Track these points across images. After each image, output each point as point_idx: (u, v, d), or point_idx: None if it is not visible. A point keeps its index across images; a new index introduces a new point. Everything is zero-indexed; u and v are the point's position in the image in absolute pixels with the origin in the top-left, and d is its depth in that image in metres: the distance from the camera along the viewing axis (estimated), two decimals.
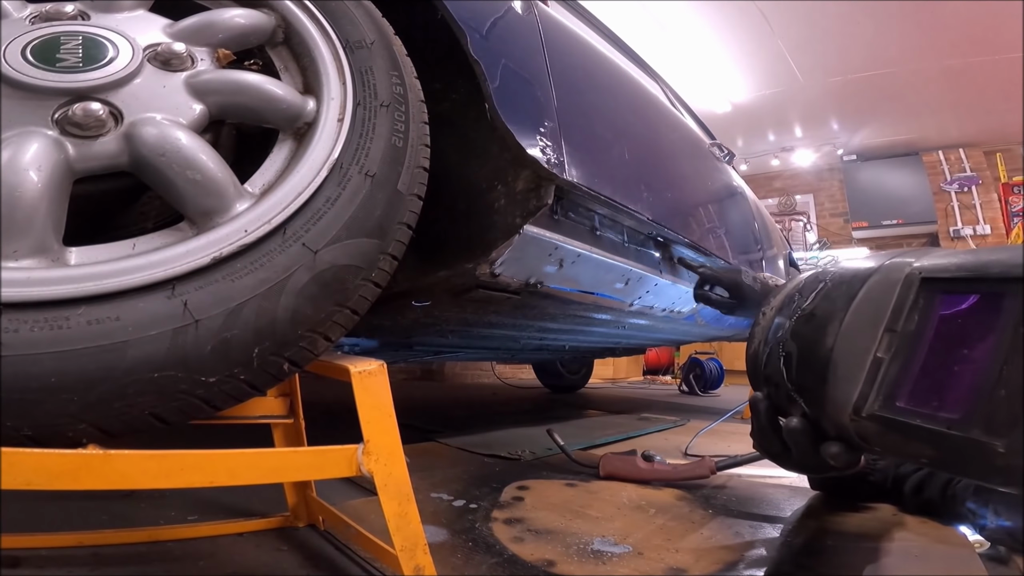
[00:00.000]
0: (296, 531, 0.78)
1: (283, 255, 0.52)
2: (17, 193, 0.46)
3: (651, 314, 1.46)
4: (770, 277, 1.26)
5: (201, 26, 0.64)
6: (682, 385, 4.04)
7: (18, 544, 0.64)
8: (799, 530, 0.88)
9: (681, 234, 1.32)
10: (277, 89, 0.62)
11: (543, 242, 0.90)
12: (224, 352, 0.48)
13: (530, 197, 0.83)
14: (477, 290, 0.95)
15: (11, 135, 0.48)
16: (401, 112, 0.65)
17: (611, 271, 1.12)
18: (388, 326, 1.30)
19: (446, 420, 1.95)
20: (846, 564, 0.75)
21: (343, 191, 0.57)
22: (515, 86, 0.85)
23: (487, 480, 1.13)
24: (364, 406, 0.55)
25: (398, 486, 0.56)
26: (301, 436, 0.73)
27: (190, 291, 0.48)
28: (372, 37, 0.69)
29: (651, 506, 0.98)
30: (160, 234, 0.52)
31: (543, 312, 1.23)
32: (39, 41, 0.53)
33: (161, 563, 0.65)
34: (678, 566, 0.72)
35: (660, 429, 1.94)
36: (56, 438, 0.43)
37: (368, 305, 0.59)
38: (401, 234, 0.61)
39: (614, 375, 5.03)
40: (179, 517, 0.79)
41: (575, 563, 0.72)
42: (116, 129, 0.52)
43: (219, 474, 0.47)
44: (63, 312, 0.44)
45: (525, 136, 0.81)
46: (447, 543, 0.76)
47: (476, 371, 4.03)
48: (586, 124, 1.04)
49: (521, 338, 1.62)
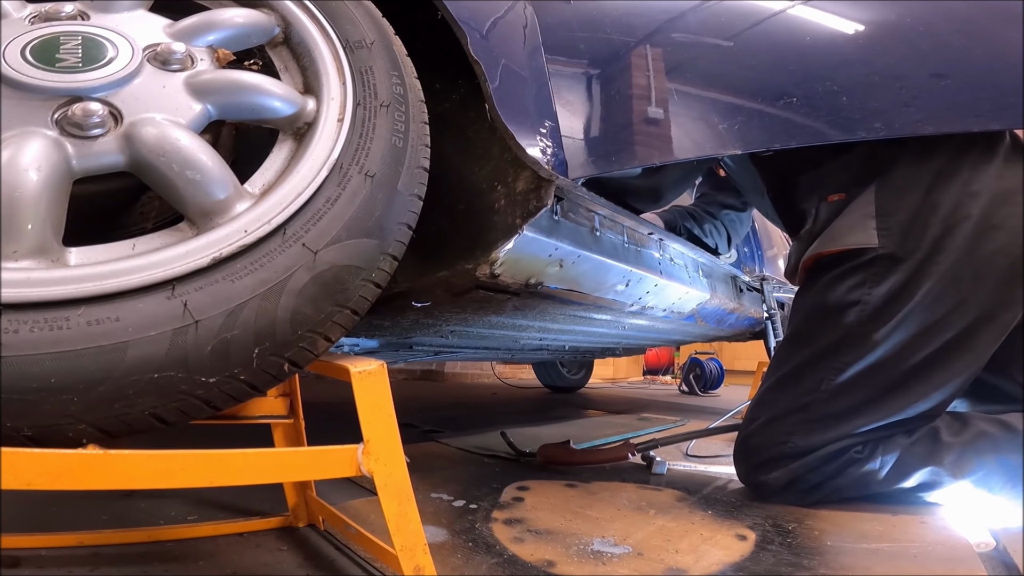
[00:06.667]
0: (296, 531, 0.78)
1: (283, 255, 0.52)
2: (17, 193, 0.45)
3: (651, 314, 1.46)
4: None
5: (201, 26, 0.63)
6: (682, 385, 4.05)
7: (18, 544, 0.64)
8: (799, 531, 0.88)
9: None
10: (277, 89, 0.62)
11: (543, 242, 0.90)
12: (224, 352, 0.48)
13: (530, 198, 0.83)
14: (477, 290, 0.95)
15: (11, 135, 0.48)
16: (401, 112, 0.65)
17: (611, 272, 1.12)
18: (388, 326, 1.30)
19: (446, 420, 1.95)
20: (846, 564, 0.75)
21: (343, 191, 0.57)
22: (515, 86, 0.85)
23: (487, 480, 1.13)
24: (364, 406, 0.55)
25: (398, 486, 0.56)
26: (301, 436, 0.73)
27: (190, 292, 0.48)
28: (372, 37, 0.69)
29: (651, 507, 0.98)
30: (160, 234, 0.52)
31: (543, 312, 1.23)
32: (39, 41, 0.53)
33: (161, 563, 0.65)
34: (678, 566, 0.72)
35: (660, 429, 1.94)
36: (56, 438, 0.43)
37: (368, 305, 0.59)
38: (401, 234, 0.61)
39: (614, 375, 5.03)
40: (179, 517, 0.79)
41: (575, 563, 0.72)
42: (116, 129, 0.52)
43: (219, 474, 0.47)
44: (63, 313, 0.44)
45: (525, 136, 0.81)
46: (447, 543, 0.77)
47: (476, 371, 4.02)
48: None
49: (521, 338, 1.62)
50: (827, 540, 0.84)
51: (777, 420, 1.04)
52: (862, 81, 0.94)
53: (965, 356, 0.97)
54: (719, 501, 1.04)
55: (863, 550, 0.80)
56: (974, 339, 0.97)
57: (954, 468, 0.96)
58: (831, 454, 0.99)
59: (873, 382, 0.99)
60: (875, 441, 1.00)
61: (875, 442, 1.00)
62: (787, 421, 1.03)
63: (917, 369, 0.98)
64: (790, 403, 1.04)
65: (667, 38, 1.00)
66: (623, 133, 0.93)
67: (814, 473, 1.00)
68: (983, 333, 0.97)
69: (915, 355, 0.97)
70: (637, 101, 0.93)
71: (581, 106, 0.94)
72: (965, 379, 0.99)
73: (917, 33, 0.98)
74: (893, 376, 0.98)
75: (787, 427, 1.03)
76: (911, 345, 0.98)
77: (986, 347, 0.98)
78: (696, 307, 1.59)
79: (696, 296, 1.50)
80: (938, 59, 0.96)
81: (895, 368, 0.98)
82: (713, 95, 0.95)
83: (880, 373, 0.99)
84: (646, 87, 0.94)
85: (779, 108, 0.92)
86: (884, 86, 0.94)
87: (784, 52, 0.99)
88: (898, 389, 0.98)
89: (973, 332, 0.96)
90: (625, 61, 0.97)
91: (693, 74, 0.97)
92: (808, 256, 1.11)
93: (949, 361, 0.97)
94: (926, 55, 0.96)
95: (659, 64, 0.97)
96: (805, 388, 1.03)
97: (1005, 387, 1.09)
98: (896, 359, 0.98)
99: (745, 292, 1.92)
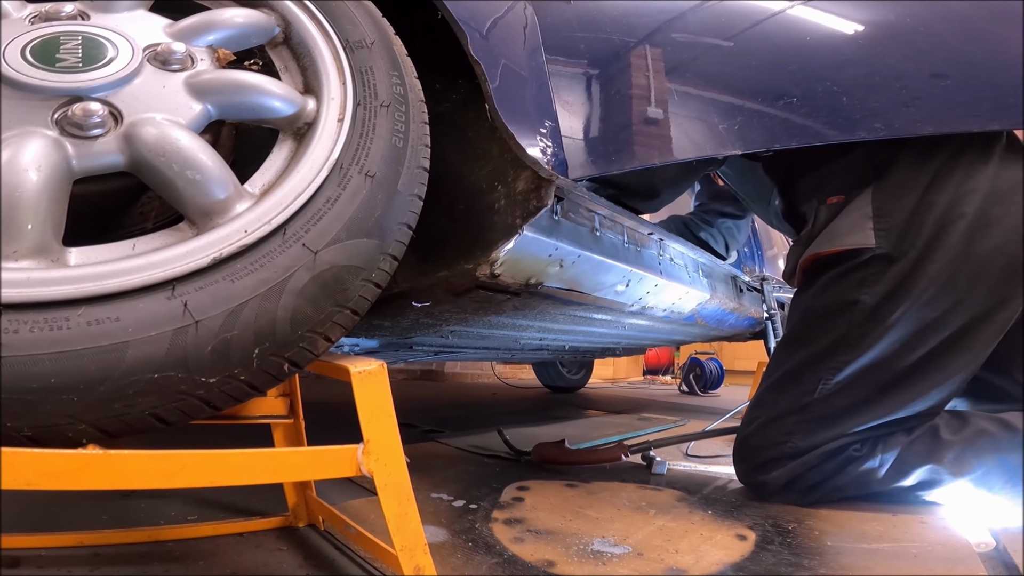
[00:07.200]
0: (296, 531, 0.78)
1: (283, 256, 0.52)
2: (17, 193, 0.45)
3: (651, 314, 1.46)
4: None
5: (201, 26, 0.63)
6: (682, 385, 4.05)
7: (18, 544, 0.64)
8: (799, 531, 0.88)
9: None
10: (277, 89, 0.62)
11: (543, 242, 0.90)
12: (224, 353, 0.48)
13: (530, 198, 0.83)
14: (477, 290, 0.95)
15: (11, 135, 0.48)
16: (401, 112, 0.65)
17: (611, 272, 1.12)
18: (388, 326, 1.30)
19: (446, 420, 1.95)
20: (846, 564, 0.75)
21: (343, 191, 0.57)
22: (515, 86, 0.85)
23: (487, 480, 1.13)
24: (364, 406, 0.55)
25: (398, 486, 0.56)
26: (301, 436, 0.73)
27: (190, 292, 0.48)
28: (372, 37, 0.69)
29: (651, 507, 0.98)
30: (160, 234, 0.52)
31: (543, 312, 1.23)
32: (39, 41, 0.53)
33: (161, 563, 0.65)
34: (678, 566, 0.72)
35: (660, 429, 1.94)
36: (56, 438, 0.43)
37: (368, 305, 0.59)
38: (401, 234, 0.61)
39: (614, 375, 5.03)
40: (179, 517, 0.79)
41: (575, 563, 0.72)
42: (116, 129, 0.52)
43: (219, 474, 0.47)
44: (63, 313, 0.44)
45: (525, 136, 0.81)
46: (447, 543, 0.77)
47: (476, 371, 4.02)
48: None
49: (521, 338, 1.62)
50: (827, 540, 0.84)
51: (776, 420, 1.04)
52: (862, 81, 0.94)
53: (963, 355, 0.98)
54: (719, 501, 1.04)
55: (863, 550, 0.80)
56: (972, 337, 0.97)
57: (954, 466, 0.97)
58: (830, 452, 0.99)
59: (871, 381, 0.99)
60: (874, 439, 1.00)
61: (874, 440, 1.00)
62: (786, 421, 1.03)
63: (915, 368, 0.98)
64: (789, 403, 1.04)
65: (667, 38, 1.00)
66: (623, 133, 0.93)
67: (813, 472, 1.00)
68: (980, 331, 0.97)
69: (913, 354, 0.98)
70: (637, 101, 0.93)
71: (581, 106, 0.94)
72: (963, 378, 0.99)
73: (917, 33, 0.98)
74: (891, 375, 0.98)
75: (786, 427, 1.03)
76: (909, 344, 0.98)
77: (984, 345, 0.98)
78: (696, 307, 1.59)
79: (696, 296, 1.51)
80: (938, 59, 0.96)
81: (893, 367, 0.98)
82: (713, 95, 0.95)
83: (878, 372, 0.99)
84: (646, 87, 0.94)
85: (779, 108, 0.93)
86: (884, 86, 0.94)
87: (784, 52, 0.99)
88: (896, 388, 0.98)
89: (970, 330, 0.97)
90: (625, 61, 0.97)
91: (693, 74, 0.97)
92: (806, 257, 1.12)
93: (947, 359, 0.98)
94: (926, 55, 0.96)
95: (659, 64, 0.97)
96: (804, 388, 1.03)
97: (1005, 386, 1.09)
98: (894, 358, 0.98)
99: (745, 292, 1.93)
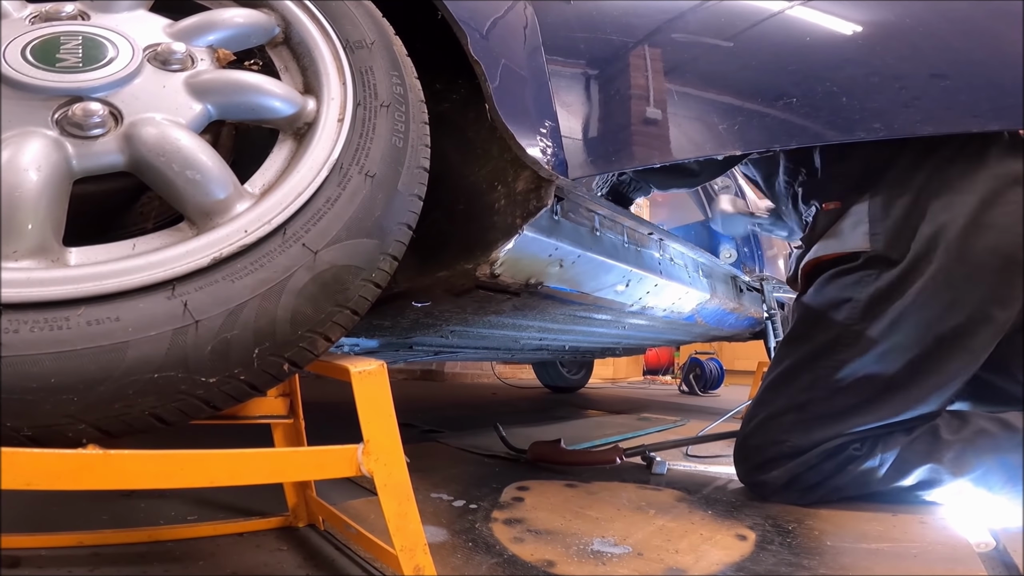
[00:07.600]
0: (296, 531, 0.78)
1: (283, 255, 0.52)
2: (17, 193, 0.46)
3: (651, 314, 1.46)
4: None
5: (201, 26, 0.63)
6: (682, 385, 4.04)
7: (18, 544, 0.64)
8: (799, 531, 0.88)
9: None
10: (277, 89, 0.62)
11: (543, 242, 0.90)
12: (224, 353, 0.48)
13: (530, 198, 0.83)
14: (477, 291, 0.95)
15: (11, 135, 0.48)
16: (401, 112, 0.65)
17: (611, 272, 1.12)
18: (388, 326, 1.30)
19: (446, 420, 1.95)
20: (846, 564, 0.75)
21: (343, 191, 0.57)
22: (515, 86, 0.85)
23: (487, 480, 1.13)
24: (364, 406, 0.55)
25: (398, 486, 0.56)
26: (301, 436, 0.73)
27: (190, 291, 0.48)
28: (372, 37, 0.69)
29: (651, 507, 0.98)
30: (160, 234, 0.52)
31: (543, 312, 1.23)
32: (39, 41, 0.53)
33: (161, 563, 0.65)
34: (678, 566, 0.72)
35: (660, 429, 1.94)
36: (56, 438, 0.43)
37: (368, 305, 0.59)
38: (401, 234, 0.61)
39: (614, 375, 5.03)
40: (179, 517, 0.79)
41: (575, 563, 0.72)
42: (116, 129, 0.52)
43: (219, 474, 0.47)
44: (63, 312, 0.44)
45: (525, 136, 0.81)
46: (447, 543, 0.77)
47: (476, 371, 4.02)
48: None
49: (521, 338, 1.62)
50: (827, 540, 0.84)
51: (775, 419, 1.04)
52: (862, 81, 0.94)
53: (962, 356, 0.98)
54: (719, 501, 1.04)
55: (863, 550, 0.80)
56: (970, 338, 0.97)
57: (954, 466, 0.96)
58: (830, 451, 0.99)
59: (870, 381, 0.99)
60: (874, 439, 1.00)
61: (874, 440, 1.00)
62: (785, 420, 1.03)
63: (914, 368, 0.98)
64: (788, 402, 1.04)
65: (667, 38, 1.01)
66: (623, 133, 0.93)
67: (813, 471, 1.00)
68: (979, 332, 0.97)
69: (911, 353, 0.98)
70: (637, 101, 0.93)
71: (581, 106, 0.94)
72: (963, 379, 0.99)
73: (917, 33, 0.98)
74: (890, 375, 0.98)
75: (785, 426, 1.03)
76: (907, 343, 0.98)
77: (983, 346, 0.98)
78: (696, 307, 1.59)
79: (696, 296, 1.51)
80: (938, 59, 0.96)
81: (893, 368, 0.98)
82: (712, 95, 0.95)
83: (877, 372, 0.99)
84: (646, 87, 0.94)
85: (779, 108, 0.93)
86: (884, 86, 0.94)
87: (784, 52, 0.99)
88: (895, 388, 0.98)
89: (969, 331, 0.97)
90: (625, 61, 0.97)
91: (693, 74, 0.97)
92: (806, 262, 1.14)
93: (946, 360, 0.98)
94: (926, 55, 0.96)
95: (659, 64, 0.97)
96: (802, 386, 1.03)
97: (1006, 386, 1.09)
98: (892, 358, 0.98)
99: (745, 292, 1.93)
